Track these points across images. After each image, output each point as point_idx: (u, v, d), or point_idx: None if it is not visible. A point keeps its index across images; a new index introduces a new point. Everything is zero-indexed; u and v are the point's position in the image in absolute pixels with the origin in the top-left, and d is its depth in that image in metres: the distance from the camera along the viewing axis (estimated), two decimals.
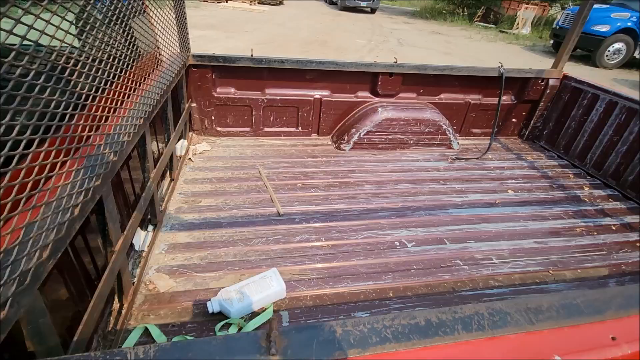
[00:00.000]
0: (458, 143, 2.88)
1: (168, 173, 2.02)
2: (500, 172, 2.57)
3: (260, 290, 1.32)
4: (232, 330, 1.24)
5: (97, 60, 1.00)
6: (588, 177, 2.60)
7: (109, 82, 1.06)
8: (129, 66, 1.32)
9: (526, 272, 1.67)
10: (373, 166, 2.50)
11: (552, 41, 11.18)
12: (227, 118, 2.63)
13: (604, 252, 1.85)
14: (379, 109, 2.64)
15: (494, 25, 15.27)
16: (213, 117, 2.59)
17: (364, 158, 2.60)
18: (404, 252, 1.72)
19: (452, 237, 1.85)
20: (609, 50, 9.26)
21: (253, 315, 1.32)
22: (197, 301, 1.33)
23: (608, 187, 2.47)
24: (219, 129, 2.64)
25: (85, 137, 0.91)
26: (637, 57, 9.30)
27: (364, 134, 2.64)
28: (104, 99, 1.04)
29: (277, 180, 2.22)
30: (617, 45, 9.23)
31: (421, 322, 0.61)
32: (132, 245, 1.47)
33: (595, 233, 1.99)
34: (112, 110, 1.08)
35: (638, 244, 1.94)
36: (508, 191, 2.34)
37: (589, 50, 9.70)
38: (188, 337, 1.18)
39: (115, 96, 1.15)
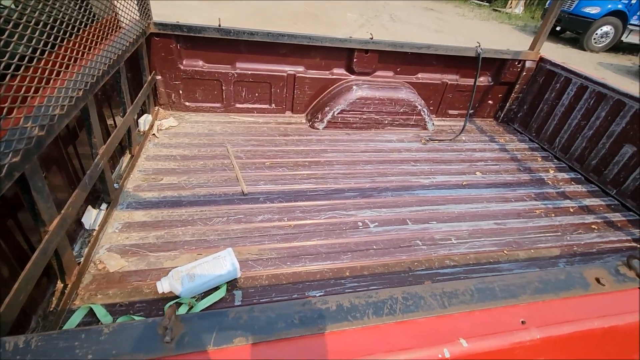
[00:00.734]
0: (433, 124, 2.86)
1: (128, 149, 1.95)
2: (471, 154, 2.58)
3: (212, 271, 1.31)
4: (182, 309, 1.24)
5: (30, 24, 0.92)
6: (555, 160, 2.64)
7: (39, 51, 0.98)
8: (70, 34, 1.23)
9: (482, 252, 1.71)
10: (345, 146, 2.47)
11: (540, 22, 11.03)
12: (195, 92, 2.53)
13: (559, 233, 1.91)
14: (354, 87, 2.58)
15: (487, 3, 14.96)
16: (180, 91, 2.49)
17: (337, 137, 2.57)
18: (366, 232, 1.74)
19: (414, 217, 1.88)
20: (596, 34, 9.24)
21: (206, 294, 1.32)
22: (148, 281, 1.32)
23: (572, 170, 2.52)
24: (187, 103, 2.55)
25: (5, 109, 0.84)
26: (624, 40, 9.32)
27: (338, 113, 2.59)
28: (33, 68, 0.97)
29: (245, 158, 2.17)
30: (605, 29, 9.20)
31: (332, 307, 0.61)
32: (82, 224, 1.43)
33: (553, 215, 2.05)
34: (43, 80, 1.01)
35: (593, 226, 2.01)
36: (476, 173, 2.37)
37: (578, 32, 9.65)
38: (135, 317, 1.17)
39: (50, 65, 1.07)
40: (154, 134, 2.23)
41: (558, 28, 10.42)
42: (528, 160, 2.60)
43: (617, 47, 9.65)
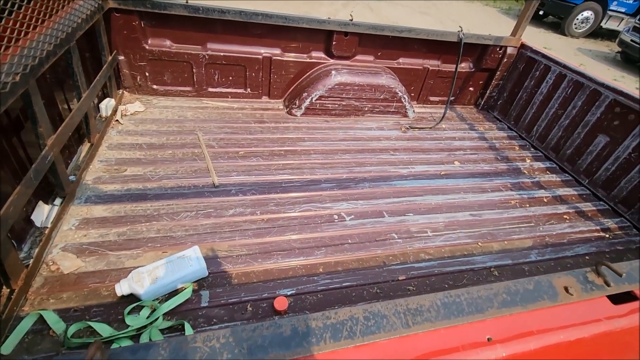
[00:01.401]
0: (414, 111, 2.81)
1: (87, 137, 1.80)
2: (451, 143, 2.56)
3: (176, 271, 1.24)
4: (144, 313, 1.18)
5: None
6: (532, 149, 2.66)
7: None
8: (5, 11, 1.07)
9: (457, 244, 1.71)
10: (323, 134, 2.40)
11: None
12: (163, 75, 2.36)
13: (532, 224, 1.93)
14: (333, 72, 2.47)
15: None
16: (147, 74, 2.31)
17: (315, 125, 2.48)
18: (341, 226, 1.70)
19: (391, 210, 1.85)
20: (577, 19, 9.30)
21: (171, 296, 1.25)
22: (107, 283, 1.24)
23: (548, 160, 2.55)
24: (155, 87, 2.38)
25: None
26: (604, 26, 9.44)
27: (316, 99, 2.49)
28: None
29: (218, 147, 2.07)
30: (586, 14, 9.27)
31: (286, 332, 0.56)
32: (32, 221, 1.32)
33: (527, 205, 2.07)
34: None
35: (565, 216, 2.05)
36: (455, 163, 2.35)
37: (560, 17, 9.69)
38: (91, 323, 1.10)
39: None
40: (117, 120, 2.08)
41: (541, 12, 10.43)
42: (506, 149, 2.61)
43: (597, 32, 9.78)
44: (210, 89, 2.48)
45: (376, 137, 2.47)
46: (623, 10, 9.04)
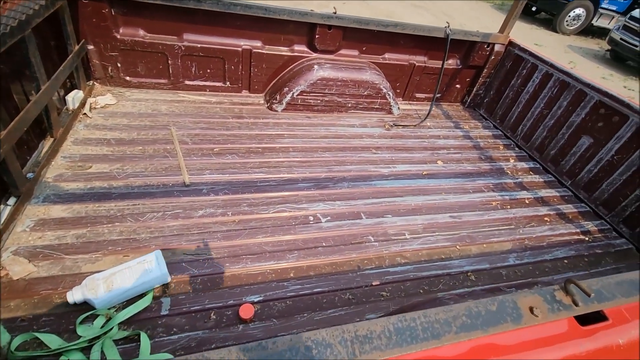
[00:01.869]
0: (399, 108, 2.75)
1: (49, 132, 1.70)
2: (435, 142, 2.51)
3: (135, 277, 1.17)
4: (98, 322, 1.11)
5: None
6: (517, 148, 2.63)
7: None
8: None
9: (434, 247, 1.67)
10: (304, 131, 2.32)
11: None
12: (137, 66, 2.25)
13: (512, 226, 1.90)
14: (315, 66, 2.39)
15: None
16: (119, 64, 2.20)
17: (296, 121, 2.40)
18: (316, 227, 1.64)
19: (369, 211, 1.80)
20: (569, 16, 9.30)
21: (130, 303, 1.18)
22: (60, 289, 1.17)
23: (532, 160, 2.52)
24: (128, 78, 2.27)
25: None
26: (595, 24, 9.46)
27: (298, 94, 2.41)
28: None
29: (191, 143, 1.98)
30: (578, 11, 9.27)
31: None
32: None
33: (508, 207, 2.04)
34: None
35: (546, 218, 2.03)
36: (438, 162, 2.31)
37: (552, 13, 9.68)
38: (38, 334, 1.03)
39: None
40: (85, 114, 1.97)
41: (534, 8, 10.40)
42: (490, 149, 2.57)
43: (588, 30, 9.81)
44: (187, 82, 2.38)
45: (358, 134, 2.41)
46: (614, 8, 9.06)
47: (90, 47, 2.09)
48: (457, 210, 1.92)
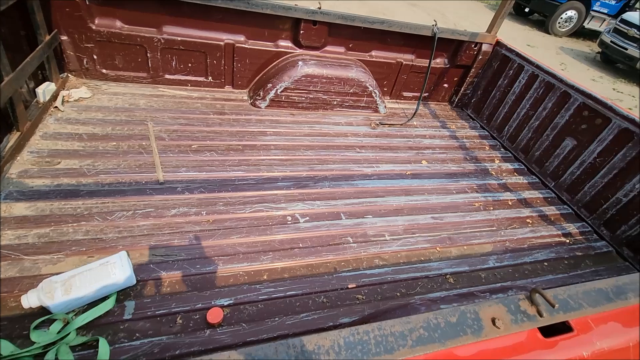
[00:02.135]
0: (385, 107, 2.72)
1: (15, 126, 1.63)
2: (420, 141, 2.48)
3: (96, 280, 1.12)
4: (55, 327, 1.05)
5: None
6: (502, 149, 2.62)
7: None
8: None
9: (414, 249, 1.65)
10: (287, 128, 2.27)
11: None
12: (114, 59, 2.17)
13: (494, 228, 1.89)
14: (299, 62, 2.34)
15: None
16: (95, 56, 2.12)
17: (279, 118, 2.35)
18: (294, 228, 1.60)
19: (350, 211, 1.76)
20: (561, 18, 9.36)
21: (91, 306, 1.13)
22: (17, 292, 1.11)
23: (517, 161, 2.51)
24: (104, 71, 2.19)
25: None
26: (586, 26, 9.54)
27: (282, 91, 2.36)
28: None
29: (169, 139, 1.92)
30: (570, 13, 9.34)
31: None
32: None
33: (491, 208, 2.02)
34: None
35: (528, 220, 2.02)
36: (422, 162, 2.28)
37: (545, 15, 9.73)
38: None
39: None
40: (56, 107, 1.90)
41: (527, 10, 10.46)
42: (476, 149, 2.55)
43: (579, 32, 9.89)
44: (167, 76, 2.31)
45: (343, 133, 2.37)
46: (605, 11, 9.15)
47: (64, 37, 2.01)
48: (439, 212, 1.90)
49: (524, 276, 1.67)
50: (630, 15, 7.48)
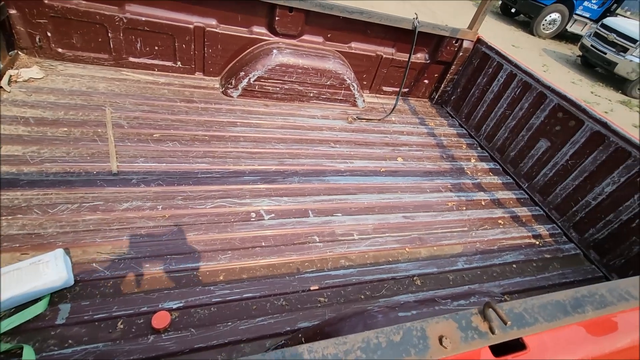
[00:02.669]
0: (364, 101, 2.65)
1: None
2: (397, 137, 2.43)
3: (24, 281, 1.01)
4: None
5: None
6: (479, 148, 2.60)
7: None
8: None
9: (382, 250, 1.60)
10: (259, 119, 2.17)
11: (499, 1, 11.09)
12: (72, 37, 2.00)
13: (465, 229, 1.86)
14: (274, 51, 2.23)
15: None
16: (49, 33, 1.95)
17: (252, 108, 2.25)
18: (257, 226, 1.52)
19: (318, 209, 1.69)
20: (545, 20, 9.50)
21: (18, 309, 1.02)
22: None
23: (493, 161, 2.50)
24: (60, 50, 2.02)
25: None
26: (569, 30, 9.71)
27: (255, 80, 2.25)
28: None
29: (128, 127, 1.79)
30: (554, 16, 9.48)
31: None
32: None
33: (464, 208, 2.00)
34: None
35: (500, 221, 2.00)
36: (398, 159, 2.23)
37: (530, 16, 9.85)
38: None
39: None
40: (1, 87, 1.73)
41: (513, 10, 10.56)
42: (453, 147, 2.52)
43: (562, 35, 10.07)
44: (132, 59, 2.16)
45: (318, 126, 2.28)
46: (587, 15, 9.33)
47: (12, 11, 1.83)
48: (411, 211, 1.86)
49: (492, 278, 1.64)
50: (610, 21, 7.65)
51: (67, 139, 1.61)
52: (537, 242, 1.94)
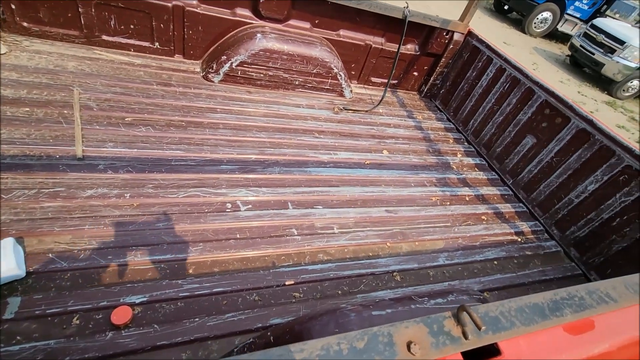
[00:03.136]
0: (351, 91, 2.58)
1: None
2: (384, 130, 2.38)
3: None
4: None
5: None
6: (466, 143, 2.57)
7: None
8: None
9: (363, 244, 1.55)
10: (241, 106, 2.08)
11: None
12: (38, 11, 1.86)
13: (448, 224, 1.83)
14: (258, 35, 2.13)
15: None
16: (13, 6, 1.80)
17: (234, 95, 2.15)
18: (232, 217, 1.45)
19: (298, 200, 1.63)
20: (537, 18, 9.52)
21: None
22: None
23: (479, 156, 2.47)
24: (26, 24, 1.88)
25: None
26: (559, 29, 9.78)
27: (237, 65, 2.15)
28: None
29: (98, 109, 1.68)
30: (545, 15, 9.51)
31: None
32: None
33: (448, 203, 1.97)
34: None
35: (483, 217, 1.98)
36: (383, 152, 2.18)
37: (522, 14, 9.87)
38: None
39: None
40: None
41: (506, 7, 10.55)
42: (440, 142, 2.48)
43: (553, 34, 10.14)
44: (105, 37, 2.03)
45: (303, 116, 2.21)
46: (578, 15, 9.39)
47: None
48: (394, 205, 1.81)
49: (472, 275, 1.62)
50: (600, 21, 7.71)
51: (29, 119, 1.50)
52: (519, 239, 1.93)
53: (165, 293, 1.13)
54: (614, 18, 9.09)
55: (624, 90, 7.44)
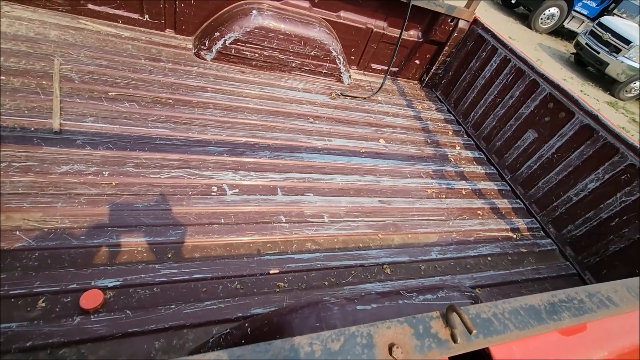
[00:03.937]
0: (350, 77, 2.48)
1: None
2: (382, 118, 2.30)
3: None
4: None
5: None
6: (465, 136, 2.50)
7: None
8: None
9: (353, 234, 1.49)
10: (234, 87, 1.99)
11: None
12: None
13: (443, 218, 1.77)
14: (254, 11, 2.02)
15: None
16: None
17: (227, 74, 2.05)
18: (217, 200, 1.38)
19: (288, 187, 1.56)
20: (544, 14, 9.35)
21: None
22: None
23: (478, 149, 2.41)
24: None
25: None
26: (565, 26, 9.62)
27: (231, 43, 2.04)
28: None
29: (79, 82, 1.59)
30: (552, 10, 9.33)
31: None
32: None
33: (443, 196, 1.91)
34: None
35: (479, 212, 1.93)
36: (380, 140, 2.11)
37: (529, 9, 9.68)
38: None
39: None
40: None
41: (513, 1, 10.33)
42: (438, 133, 2.41)
43: (558, 31, 9.98)
44: (91, 6, 1.91)
45: (298, 99, 2.12)
46: (585, 12, 9.23)
47: None
48: (388, 195, 1.75)
49: (465, 270, 1.58)
50: (607, 20, 7.57)
51: (4, 88, 1.40)
52: (514, 236, 1.88)
53: (140, 277, 1.06)
54: (621, 17, 8.93)
55: (626, 91, 7.36)
